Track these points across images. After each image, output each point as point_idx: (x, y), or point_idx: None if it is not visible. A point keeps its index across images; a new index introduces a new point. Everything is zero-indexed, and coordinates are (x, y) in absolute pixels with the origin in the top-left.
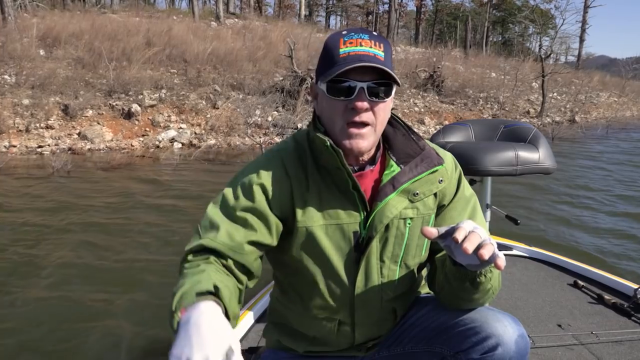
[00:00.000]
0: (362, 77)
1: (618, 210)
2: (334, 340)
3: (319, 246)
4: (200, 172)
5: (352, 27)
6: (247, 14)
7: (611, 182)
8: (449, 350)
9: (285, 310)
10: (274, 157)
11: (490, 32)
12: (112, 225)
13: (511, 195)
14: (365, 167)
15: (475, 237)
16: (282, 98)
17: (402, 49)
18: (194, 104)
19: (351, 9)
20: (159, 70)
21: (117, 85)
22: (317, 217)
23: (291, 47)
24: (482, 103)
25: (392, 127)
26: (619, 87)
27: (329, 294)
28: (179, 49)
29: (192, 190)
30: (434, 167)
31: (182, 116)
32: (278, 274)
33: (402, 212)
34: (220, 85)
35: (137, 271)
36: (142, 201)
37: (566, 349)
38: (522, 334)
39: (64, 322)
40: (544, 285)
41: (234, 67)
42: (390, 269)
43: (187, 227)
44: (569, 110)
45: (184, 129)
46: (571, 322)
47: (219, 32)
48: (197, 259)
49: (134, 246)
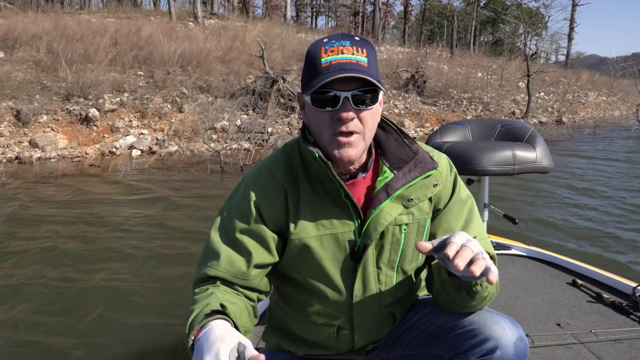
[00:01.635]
0: (346, 87)
1: (616, 208)
2: (334, 344)
3: (314, 257)
4: (154, 183)
5: (334, 33)
6: (232, 14)
7: (608, 180)
8: (447, 353)
9: (284, 315)
10: (264, 173)
11: (481, 32)
12: (34, 248)
13: (509, 194)
14: (358, 174)
15: (466, 252)
16: (253, 101)
17: (386, 48)
18: (159, 107)
19: (339, 9)
20: (125, 72)
21: (77, 89)
22: (311, 228)
23: (262, 47)
24: (466, 104)
25: (384, 131)
26: (608, 86)
27: (327, 302)
28: (147, 50)
29: (143, 203)
30: (428, 171)
31: (145, 121)
32: (276, 281)
33: (397, 219)
34: (189, 87)
35: None
36: (81, 217)
37: (565, 348)
38: (521, 336)
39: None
40: (542, 284)
41: (204, 69)
42: (387, 274)
43: (126, 244)
44: (556, 110)
45: (145, 135)
46: (570, 321)
47: (191, 32)
48: (206, 284)
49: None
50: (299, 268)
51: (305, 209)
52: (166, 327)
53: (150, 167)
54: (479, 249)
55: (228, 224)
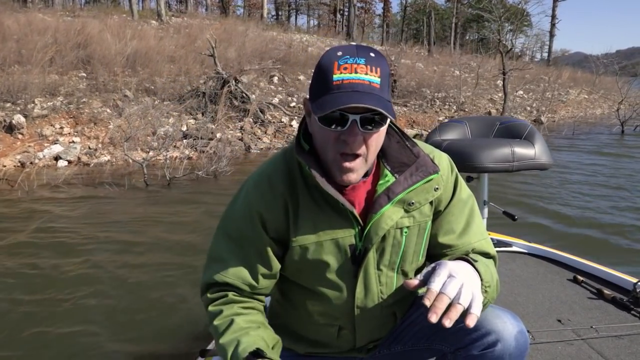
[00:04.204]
0: (355, 108)
1: (616, 204)
2: (335, 343)
3: (315, 262)
4: (59, 203)
5: (348, 45)
6: (211, 13)
7: (606, 177)
8: (448, 347)
9: (286, 314)
10: (263, 179)
11: (467, 30)
12: None
13: (508, 191)
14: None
15: (441, 303)
16: (203, 104)
17: None
18: (96, 112)
19: (319, 8)
20: (67, 74)
21: (5, 93)
22: (311, 234)
23: (212, 45)
24: (439, 104)
25: (386, 134)
26: (590, 84)
27: (328, 304)
28: (90, 49)
29: (57, 224)
30: (429, 175)
31: (78, 128)
32: (277, 282)
33: (398, 222)
34: (133, 89)
35: None
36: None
37: (566, 344)
38: (522, 330)
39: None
40: (543, 280)
41: (152, 69)
42: (388, 276)
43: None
44: (535, 109)
45: (76, 143)
46: (571, 317)
47: (144, 31)
48: (217, 297)
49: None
50: (300, 273)
51: (305, 216)
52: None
53: (67, 181)
54: (457, 292)
55: (232, 231)
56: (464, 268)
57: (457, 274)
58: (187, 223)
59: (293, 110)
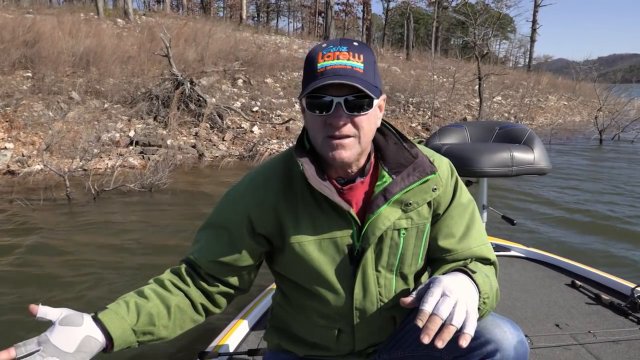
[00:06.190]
0: (340, 92)
1: (614, 210)
2: (334, 346)
3: (313, 261)
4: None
5: (334, 38)
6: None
7: (604, 185)
8: (448, 354)
9: (286, 316)
10: (260, 176)
11: (452, 34)
12: None
13: (506, 196)
14: (356, 178)
15: (434, 323)
16: (156, 107)
17: None
18: (36, 116)
19: (300, 10)
20: (13, 73)
21: None
22: (309, 232)
23: (166, 45)
24: (413, 109)
25: (383, 135)
26: (571, 90)
27: (327, 304)
28: (38, 47)
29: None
30: (426, 176)
31: (13, 132)
32: (278, 282)
33: (396, 223)
34: (81, 91)
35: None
36: None
37: (564, 349)
38: (522, 339)
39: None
40: (541, 285)
41: (104, 70)
42: (387, 277)
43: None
44: (513, 116)
45: (7, 150)
46: (569, 321)
47: (101, 29)
48: (175, 267)
49: None
50: (298, 272)
51: (303, 215)
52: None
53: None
54: (450, 313)
55: (214, 217)
56: (460, 283)
57: (451, 292)
58: (85, 252)
59: (255, 115)
